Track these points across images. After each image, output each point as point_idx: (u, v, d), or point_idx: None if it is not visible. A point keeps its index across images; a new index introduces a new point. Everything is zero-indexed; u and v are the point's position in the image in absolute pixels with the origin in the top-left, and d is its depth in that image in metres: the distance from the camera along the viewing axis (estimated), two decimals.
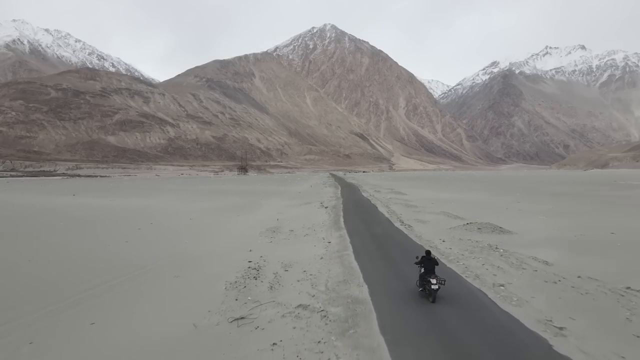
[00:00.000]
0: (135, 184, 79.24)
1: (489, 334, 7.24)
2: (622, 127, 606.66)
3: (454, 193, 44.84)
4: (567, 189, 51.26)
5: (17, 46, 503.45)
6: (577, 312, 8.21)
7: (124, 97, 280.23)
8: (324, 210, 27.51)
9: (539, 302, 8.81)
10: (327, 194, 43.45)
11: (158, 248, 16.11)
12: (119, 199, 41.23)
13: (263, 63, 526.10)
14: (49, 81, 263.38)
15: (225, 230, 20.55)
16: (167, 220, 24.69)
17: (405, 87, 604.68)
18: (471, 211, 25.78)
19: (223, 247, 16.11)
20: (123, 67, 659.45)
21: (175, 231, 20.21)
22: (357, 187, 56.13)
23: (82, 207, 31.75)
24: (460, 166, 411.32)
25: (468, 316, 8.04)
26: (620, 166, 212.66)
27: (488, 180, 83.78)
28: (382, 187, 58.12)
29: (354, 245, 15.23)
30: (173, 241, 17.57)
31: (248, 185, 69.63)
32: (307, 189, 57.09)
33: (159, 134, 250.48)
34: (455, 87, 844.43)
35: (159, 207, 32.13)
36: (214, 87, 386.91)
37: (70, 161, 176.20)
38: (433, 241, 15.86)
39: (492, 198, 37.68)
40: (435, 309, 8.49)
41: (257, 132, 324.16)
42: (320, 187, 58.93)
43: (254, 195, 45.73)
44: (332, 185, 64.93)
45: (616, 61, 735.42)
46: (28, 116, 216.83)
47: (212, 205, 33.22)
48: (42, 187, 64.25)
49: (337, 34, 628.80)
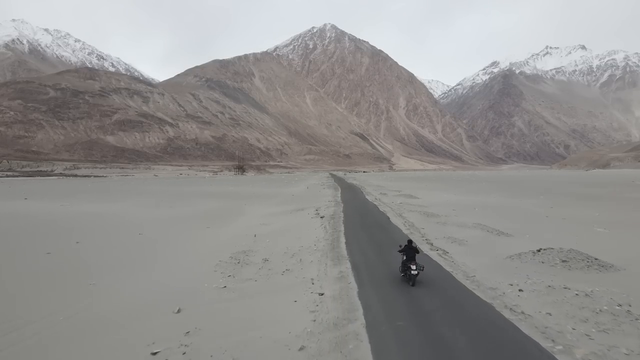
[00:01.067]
0: (122, 184, 72.77)
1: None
2: (622, 127, 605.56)
3: (469, 195, 40.23)
4: (589, 191, 46.18)
5: (16, 46, 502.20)
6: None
7: (123, 97, 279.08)
8: (319, 222, 21.71)
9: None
10: (325, 198, 38.18)
11: (42, 297, 10.42)
12: (78, 203, 34.53)
13: (263, 63, 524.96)
14: (48, 81, 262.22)
15: (171, 258, 14.89)
16: (105, 237, 18.92)
17: (406, 87, 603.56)
18: (509, 221, 20.84)
19: (144, 301, 10.14)
20: (123, 67, 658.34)
21: (96, 260, 14.45)
22: (360, 189, 50.16)
23: (6, 215, 25.70)
24: (460, 166, 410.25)
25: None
26: (621, 166, 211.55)
27: (496, 181, 78.83)
28: (388, 188, 52.94)
29: (367, 310, 8.43)
30: (76, 281, 11.79)
31: (239, 187, 63.26)
32: (303, 190, 51.77)
33: (158, 134, 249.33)
34: (455, 87, 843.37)
35: (115, 215, 26.40)
36: (214, 87, 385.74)
37: (68, 161, 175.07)
38: (498, 288, 9.79)
39: (517, 201, 32.90)
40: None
41: (256, 132, 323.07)
42: (317, 189, 53.39)
43: (241, 198, 40.39)
44: (331, 186, 59.12)
45: (617, 61, 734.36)
46: (26, 116, 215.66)
47: (184, 213, 27.65)
48: (8, 190, 55.79)
49: (337, 34, 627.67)
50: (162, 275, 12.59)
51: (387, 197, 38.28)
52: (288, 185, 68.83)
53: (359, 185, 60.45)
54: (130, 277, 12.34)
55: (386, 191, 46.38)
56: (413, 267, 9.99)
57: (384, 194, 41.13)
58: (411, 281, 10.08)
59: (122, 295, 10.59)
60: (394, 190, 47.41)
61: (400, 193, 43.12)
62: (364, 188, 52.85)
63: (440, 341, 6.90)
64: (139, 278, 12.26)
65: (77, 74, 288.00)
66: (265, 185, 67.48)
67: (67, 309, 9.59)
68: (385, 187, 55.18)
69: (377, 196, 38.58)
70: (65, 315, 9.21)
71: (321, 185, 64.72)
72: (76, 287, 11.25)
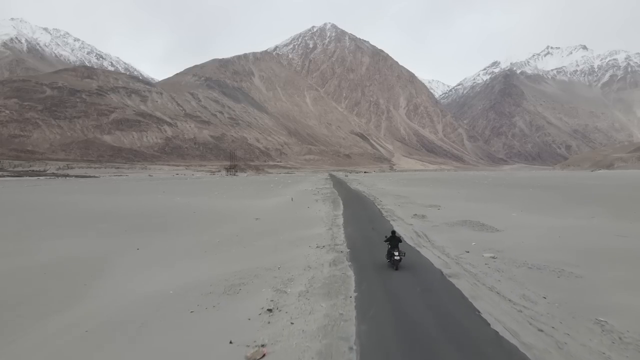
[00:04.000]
0: (80, 186, 62.91)
1: None
2: (624, 128, 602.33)
3: (531, 213, 25.76)
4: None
5: (14, 45, 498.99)
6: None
7: (121, 96, 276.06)
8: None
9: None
10: (313, 231, 19.71)
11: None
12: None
13: (262, 62, 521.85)
14: (45, 79, 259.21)
15: None
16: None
17: (406, 86, 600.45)
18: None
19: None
20: (122, 66, 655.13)
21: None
22: (372, 202, 33.68)
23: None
24: (461, 167, 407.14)
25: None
26: (626, 167, 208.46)
27: (513, 183, 68.04)
28: (407, 197, 38.32)
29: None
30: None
31: (195, 197, 45.14)
32: (283, 205, 34.01)
33: (156, 133, 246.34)
34: (456, 87, 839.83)
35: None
36: (213, 86, 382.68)
37: (63, 160, 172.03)
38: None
39: (606, 223, 21.11)
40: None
41: (256, 132, 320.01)
42: (308, 201, 36.05)
43: (146, 229, 22.31)
44: (329, 196, 41.08)
45: (618, 61, 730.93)
46: (22, 115, 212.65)
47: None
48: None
49: (337, 33, 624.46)
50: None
51: (426, 221, 22.29)
52: (271, 192, 51.90)
53: (368, 194, 43.16)
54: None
55: (410, 204, 32.09)
56: (396, 254, 11.70)
57: (419, 216, 24.32)
58: (395, 266, 11.72)
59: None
60: (419, 203, 32.22)
61: (433, 205, 30.35)
62: (377, 200, 36.12)
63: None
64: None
65: (75, 73, 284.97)
66: (238, 193, 50.58)
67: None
68: (405, 196, 39.54)
69: (411, 221, 22.42)
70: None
71: (315, 192, 47.13)
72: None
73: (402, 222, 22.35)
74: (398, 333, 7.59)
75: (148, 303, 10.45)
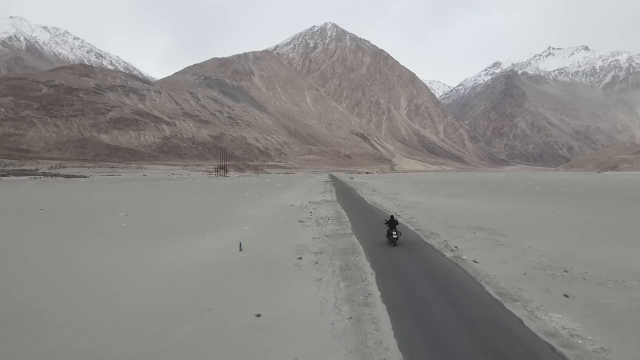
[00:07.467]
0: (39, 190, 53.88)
1: None
2: (626, 129, 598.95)
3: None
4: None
5: (13, 43, 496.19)
6: None
7: (119, 95, 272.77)
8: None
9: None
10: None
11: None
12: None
13: (263, 61, 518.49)
14: (41, 77, 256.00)
15: None
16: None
17: (407, 87, 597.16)
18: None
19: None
20: (122, 65, 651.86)
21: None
22: (419, 236, 17.08)
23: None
24: (463, 167, 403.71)
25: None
26: (631, 168, 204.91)
27: (529, 186, 58.22)
28: (493, 228, 18.66)
29: None
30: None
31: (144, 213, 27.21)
32: (209, 272, 11.99)
33: (153, 133, 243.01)
34: (457, 88, 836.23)
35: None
36: (212, 86, 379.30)
37: (57, 159, 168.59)
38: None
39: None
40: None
41: (255, 132, 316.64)
42: (278, 255, 13.79)
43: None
44: (334, 215, 24.54)
45: (620, 62, 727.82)
46: (18, 113, 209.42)
47: None
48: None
49: (338, 33, 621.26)
50: None
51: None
52: (229, 213, 26.93)
53: (415, 225, 20.18)
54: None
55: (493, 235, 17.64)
56: (394, 233, 14.90)
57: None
58: (393, 243, 14.95)
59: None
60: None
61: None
62: (413, 220, 21.86)
63: None
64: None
65: (72, 71, 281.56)
66: (171, 215, 26.05)
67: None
68: (487, 228, 18.97)
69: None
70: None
71: (302, 220, 22.78)
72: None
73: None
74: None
75: None
